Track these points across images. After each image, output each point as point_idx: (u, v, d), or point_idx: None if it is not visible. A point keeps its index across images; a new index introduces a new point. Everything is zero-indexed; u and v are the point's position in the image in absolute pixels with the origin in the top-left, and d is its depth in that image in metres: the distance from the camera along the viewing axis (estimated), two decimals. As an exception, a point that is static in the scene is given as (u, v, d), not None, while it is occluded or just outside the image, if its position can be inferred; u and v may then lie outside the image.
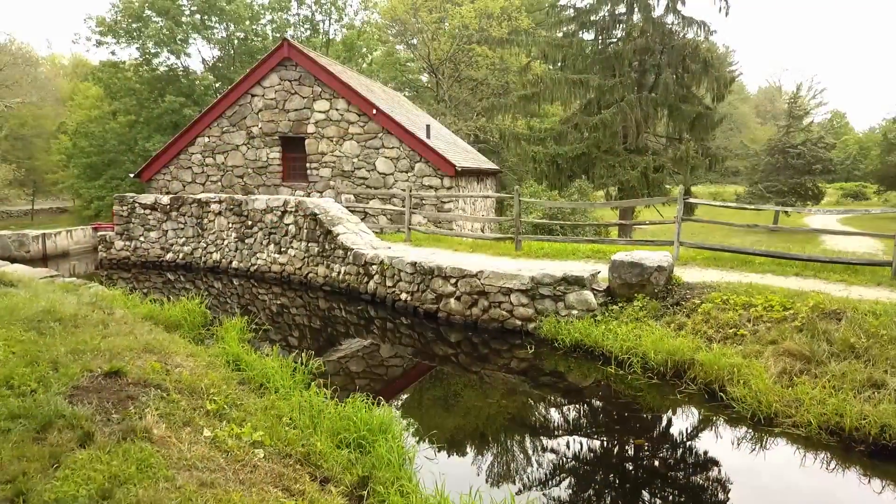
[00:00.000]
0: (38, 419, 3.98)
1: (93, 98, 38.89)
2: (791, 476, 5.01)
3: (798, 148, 29.78)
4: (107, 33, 30.75)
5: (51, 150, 56.14)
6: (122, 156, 30.47)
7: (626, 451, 5.63)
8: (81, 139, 30.86)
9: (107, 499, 3.10)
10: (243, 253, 13.60)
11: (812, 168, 29.41)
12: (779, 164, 30.44)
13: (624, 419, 6.27)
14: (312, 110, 16.01)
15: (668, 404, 6.37)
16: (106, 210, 30.73)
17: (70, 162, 32.38)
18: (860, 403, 5.41)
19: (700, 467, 5.23)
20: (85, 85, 44.30)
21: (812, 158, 29.28)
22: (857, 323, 6.34)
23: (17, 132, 54.18)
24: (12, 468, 3.38)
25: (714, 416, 5.98)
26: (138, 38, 30.00)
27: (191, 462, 3.69)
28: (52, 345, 5.62)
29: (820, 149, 29.77)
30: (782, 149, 30.40)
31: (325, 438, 4.58)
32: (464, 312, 9.36)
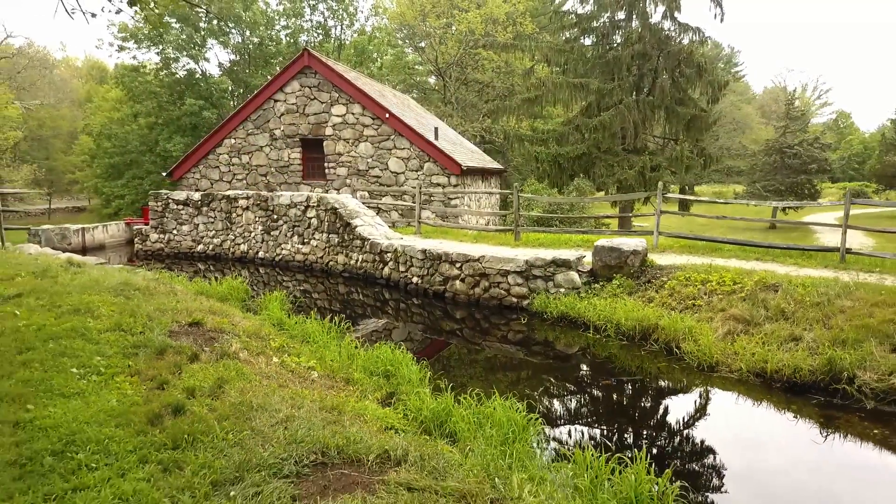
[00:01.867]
0: (154, 347, 5.54)
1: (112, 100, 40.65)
2: (723, 405, 6.50)
3: (794, 148, 31.07)
4: (129, 39, 32.53)
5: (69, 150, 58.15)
6: (142, 156, 32.20)
7: (598, 388, 7.12)
8: (104, 140, 32.61)
9: (221, 387, 4.64)
10: (269, 244, 15.18)
11: (808, 168, 30.68)
12: (776, 163, 31.72)
13: (598, 368, 7.76)
14: (330, 114, 17.62)
15: (634, 359, 7.85)
16: (126, 208, 32.49)
17: (93, 162, 34.12)
18: (781, 353, 6.88)
19: (654, 399, 6.72)
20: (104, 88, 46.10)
21: (808, 158, 30.56)
22: (789, 293, 7.82)
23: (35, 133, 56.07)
24: (151, 372, 4.94)
25: (669, 366, 7.47)
26: (159, 44, 31.72)
27: (268, 374, 5.23)
28: (139, 305, 7.19)
29: (816, 149, 31.03)
30: (779, 149, 31.68)
31: (359, 370, 6.11)
32: (467, 292, 10.88)
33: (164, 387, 4.68)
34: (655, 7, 24.58)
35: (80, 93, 65.18)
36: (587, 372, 7.89)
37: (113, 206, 33.60)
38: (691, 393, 6.80)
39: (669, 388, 6.96)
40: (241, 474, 3.29)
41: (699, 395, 6.73)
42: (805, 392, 6.48)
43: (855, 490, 4.83)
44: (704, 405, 6.53)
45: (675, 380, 7.12)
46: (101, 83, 61.99)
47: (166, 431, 3.88)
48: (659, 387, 7.05)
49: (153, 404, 4.31)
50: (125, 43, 32.95)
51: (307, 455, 3.51)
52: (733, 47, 67.18)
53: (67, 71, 72.63)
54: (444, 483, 3.20)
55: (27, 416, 4.10)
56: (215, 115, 31.62)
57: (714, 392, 6.72)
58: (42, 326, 6.32)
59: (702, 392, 6.77)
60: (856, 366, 6.32)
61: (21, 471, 3.42)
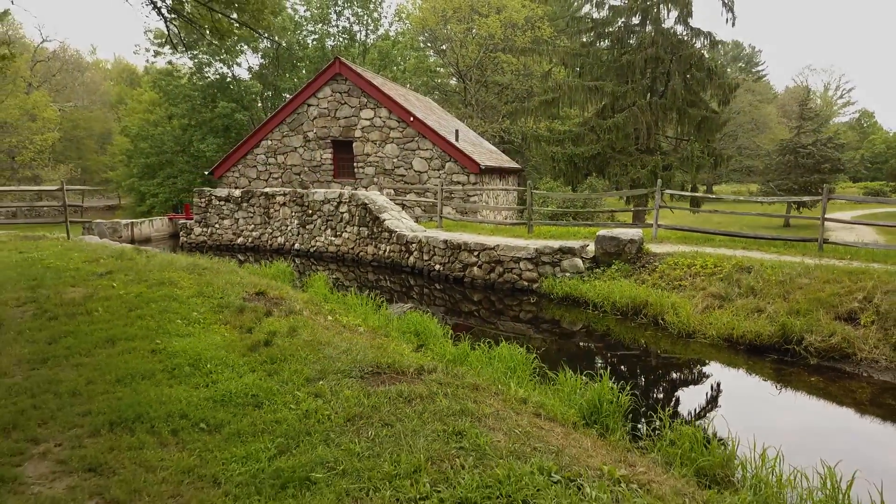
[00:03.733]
0: (235, 307, 7.16)
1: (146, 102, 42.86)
2: (690, 359, 7.93)
3: (808, 148, 32.04)
4: (164, 44, 34.58)
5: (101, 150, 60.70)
6: (176, 156, 34.22)
7: (593, 348, 8.59)
8: (141, 141, 34.71)
9: (294, 331, 6.21)
10: (304, 237, 16.85)
11: (821, 167, 31.64)
12: (790, 163, 32.71)
13: (594, 335, 9.23)
14: (359, 118, 19.27)
15: (626, 329, 9.30)
16: (159, 206, 34.56)
17: (130, 161, 36.24)
18: (747, 322, 8.28)
19: (640, 357, 8.18)
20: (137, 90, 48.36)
21: (821, 158, 31.52)
22: (759, 274, 9.21)
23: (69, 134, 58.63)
24: (237, 322, 6.55)
25: (654, 334, 8.91)
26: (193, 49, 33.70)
27: (326, 326, 6.80)
28: (211, 280, 8.84)
29: (829, 149, 31.96)
30: (793, 149, 32.66)
31: (395, 331, 7.66)
32: (484, 277, 12.40)
33: (252, 331, 6.28)
34: (668, 12, 25.84)
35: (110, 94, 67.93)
36: (584, 338, 9.35)
37: (146, 203, 35.70)
38: (667, 353, 8.24)
39: (650, 349, 8.41)
40: (323, 375, 4.85)
41: (673, 353, 8.17)
42: (763, 353, 7.89)
43: (782, 417, 6.25)
44: (675, 360, 7.97)
45: (656, 344, 8.56)
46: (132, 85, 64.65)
47: (263, 355, 5.47)
48: (641, 347, 8.50)
49: (247, 340, 5.91)
50: (160, 49, 35.07)
51: (366, 367, 5.06)
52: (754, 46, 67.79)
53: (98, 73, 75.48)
54: (463, 380, 4.73)
55: (159, 346, 5.73)
56: (246, 117, 33.53)
57: (687, 351, 8.16)
58: (139, 294, 8.00)
59: (676, 352, 8.20)
60: (804, 330, 7.72)
61: (171, 375, 5.01)
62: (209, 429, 3.94)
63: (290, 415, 4.06)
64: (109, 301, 7.69)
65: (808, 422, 6.15)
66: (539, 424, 4.11)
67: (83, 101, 64.81)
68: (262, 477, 3.28)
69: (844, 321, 7.78)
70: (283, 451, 3.55)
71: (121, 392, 4.60)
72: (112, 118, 63.91)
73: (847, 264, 9.37)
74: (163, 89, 34.31)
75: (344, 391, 4.45)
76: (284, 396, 4.41)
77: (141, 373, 5.01)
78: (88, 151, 59.85)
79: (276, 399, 4.36)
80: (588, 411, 4.93)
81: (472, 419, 3.93)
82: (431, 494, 3.00)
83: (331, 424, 3.90)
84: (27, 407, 4.33)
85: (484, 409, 4.15)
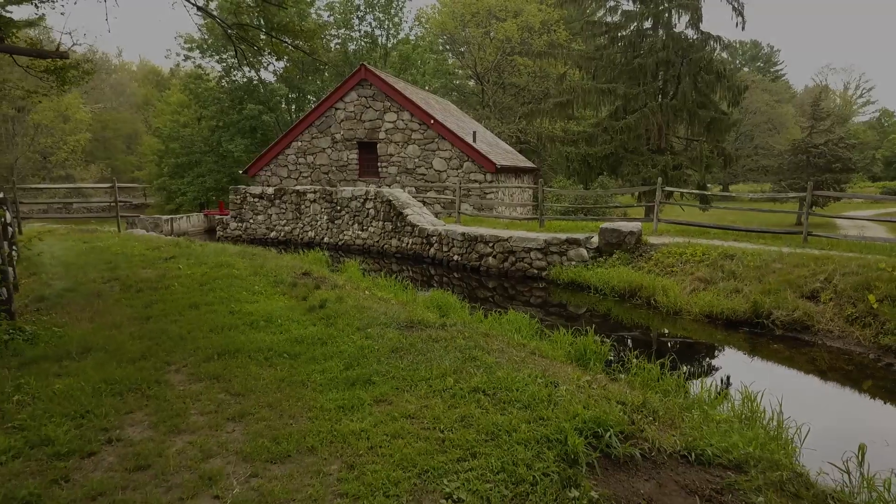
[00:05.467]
0: (288, 283, 8.70)
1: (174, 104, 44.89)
2: (673, 330, 9.30)
3: (820, 148, 32.99)
4: (193, 49, 36.50)
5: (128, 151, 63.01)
6: (205, 156, 36.05)
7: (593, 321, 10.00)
8: (171, 142, 36.64)
9: (341, 299, 7.71)
10: (333, 231, 18.42)
11: (833, 167, 32.57)
12: (802, 162, 33.67)
13: (595, 313, 10.63)
14: (383, 120, 20.83)
15: (622, 309, 10.69)
16: (187, 204, 36.45)
17: (161, 161, 38.20)
18: (726, 301, 9.63)
19: (633, 329, 9.57)
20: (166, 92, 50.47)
21: (832, 157, 32.46)
22: (741, 260, 10.55)
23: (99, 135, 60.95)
24: (293, 293, 8.08)
25: (646, 312, 10.29)
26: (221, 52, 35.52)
27: (365, 297, 8.29)
28: (262, 263, 10.41)
29: (841, 148, 32.88)
30: (805, 148, 33.62)
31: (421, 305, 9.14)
32: (498, 266, 13.84)
33: (306, 299, 7.81)
34: (679, 17, 27.06)
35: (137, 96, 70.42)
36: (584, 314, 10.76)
37: (175, 202, 37.64)
38: (655, 326, 9.63)
39: (640, 323, 9.79)
40: (369, 326, 6.35)
41: (659, 327, 9.55)
42: (738, 326, 9.24)
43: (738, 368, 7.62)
44: (660, 331, 9.35)
45: (647, 320, 9.94)
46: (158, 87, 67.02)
47: (319, 314, 6.99)
48: (633, 322, 9.89)
49: (304, 305, 7.44)
50: (190, 53, 36.97)
51: (401, 322, 6.55)
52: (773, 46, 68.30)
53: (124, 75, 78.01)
54: (477, 330, 6.21)
55: (235, 309, 7.27)
56: (272, 119, 35.27)
57: (673, 326, 9.54)
58: (204, 273, 9.58)
59: (663, 326, 9.58)
60: (772, 307, 9.06)
61: (251, 327, 6.53)
62: (291, 356, 5.46)
63: (349, 348, 5.56)
64: (180, 279, 9.28)
65: (759, 371, 7.50)
66: (533, 358, 5.56)
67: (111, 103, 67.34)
68: (336, 380, 4.78)
69: (807, 299, 9.11)
70: (349, 367, 5.05)
71: (216, 337, 6.13)
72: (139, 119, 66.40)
73: (821, 252, 10.67)
74: (192, 92, 36.17)
75: (387, 334, 5.95)
76: (342, 338, 5.92)
77: (227, 325, 6.55)
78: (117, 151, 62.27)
79: (336, 339, 5.87)
80: (575, 356, 6.37)
81: (482, 351, 5.40)
82: (454, 386, 4.49)
83: (380, 353, 5.39)
84: (151, 345, 5.88)
85: (492, 346, 5.62)
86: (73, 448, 3.73)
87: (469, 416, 3.98)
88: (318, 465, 3.50)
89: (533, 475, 3.23)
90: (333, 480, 3.33)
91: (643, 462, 3.49)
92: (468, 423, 3.89)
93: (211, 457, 3.66)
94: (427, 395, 4.40)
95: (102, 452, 3.74)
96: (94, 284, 9.17)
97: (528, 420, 3.87)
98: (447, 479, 3.24)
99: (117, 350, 5.70)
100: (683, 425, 3.98)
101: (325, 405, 4.29)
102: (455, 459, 3.45)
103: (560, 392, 4.35)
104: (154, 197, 43.08)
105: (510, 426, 3.79)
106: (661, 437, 3.74)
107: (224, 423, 4.13)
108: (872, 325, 8.18)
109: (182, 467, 3.54)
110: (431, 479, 3.26)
